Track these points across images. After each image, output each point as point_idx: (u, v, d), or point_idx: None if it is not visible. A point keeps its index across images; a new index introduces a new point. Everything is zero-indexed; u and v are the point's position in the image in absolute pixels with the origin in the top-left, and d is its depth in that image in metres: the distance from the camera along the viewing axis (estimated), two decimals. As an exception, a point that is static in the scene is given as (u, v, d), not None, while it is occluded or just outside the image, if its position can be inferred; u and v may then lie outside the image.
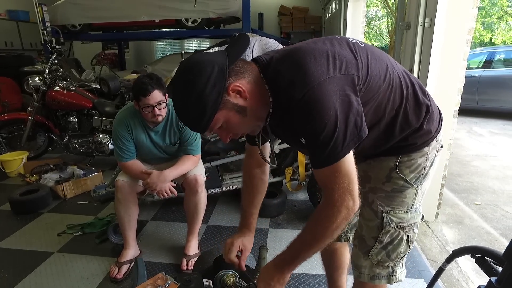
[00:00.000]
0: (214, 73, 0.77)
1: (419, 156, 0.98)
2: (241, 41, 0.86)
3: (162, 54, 8.82)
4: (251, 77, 0.84)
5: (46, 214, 2.57)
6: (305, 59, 0.79)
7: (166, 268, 1.92)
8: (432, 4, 2.02)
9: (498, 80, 6.25)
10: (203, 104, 0.77)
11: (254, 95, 0.84)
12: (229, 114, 0.83)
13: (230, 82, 0.80)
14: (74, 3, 5.34)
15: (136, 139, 1.85)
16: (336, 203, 0.79)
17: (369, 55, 0.86)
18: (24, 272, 1.86)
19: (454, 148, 4.33)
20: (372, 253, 1.03)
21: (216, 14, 5.05)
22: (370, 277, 1.06)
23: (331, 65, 0.78)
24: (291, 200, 2.74)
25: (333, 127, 0.75)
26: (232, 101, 0.81)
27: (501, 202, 2.90)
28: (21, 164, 3.35)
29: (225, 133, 0.88)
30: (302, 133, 0.83)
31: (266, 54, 0.90)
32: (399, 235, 1.02)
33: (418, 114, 0.93)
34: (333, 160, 0.78)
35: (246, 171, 1.20)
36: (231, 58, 0.81)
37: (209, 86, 0.77)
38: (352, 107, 0.77)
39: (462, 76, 2.17)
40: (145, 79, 1.71)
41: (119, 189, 1.84)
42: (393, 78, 0.89)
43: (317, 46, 0.83)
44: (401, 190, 1.00)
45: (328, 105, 0.74)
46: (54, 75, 3.40)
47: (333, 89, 0.76)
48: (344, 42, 0.87)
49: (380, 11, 15.12)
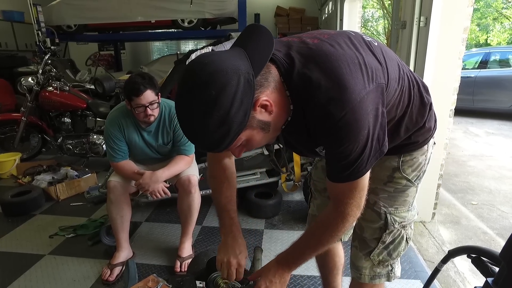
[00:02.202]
0: (241, 87, 0.63)
1: (420, 155, 0.98)
2: (263, 38, 0.70)
3: (158, 55, 8.79)
4: (274, 84, 0.71)
5: (38, 216, 2.53)
6: (340, 70, 0.69)
7: (159, 270, 1.89)
8: (427, 3, 2.01)
9: (494, 81, 6.29)
10: (227, 127, 0.64)
11: (277, 104, 0.72)
12: (253, 133, 0.71)
13: (258, 96, 0.67)
14: (69, 4, 5.32)
15: (128, 139, 1.82)
16: (346, 215, 0.81)
17: (385, 55, 0.80)
18: (14, 276, 1.82)
19: (451, 148, 4.33)
20: (374, 254, 1.02)
21: (212, 14, 5.05)
22: (370, 278, 1.05)
23: (365, 76, 0.71)
24: (286, 201, 2.72)
25: (363, 147, 0.72)
26: (258, 118, 0.70)
27: (497, 202, 2.89)
28: (14, 165, 3.31)
29: (239, 149, 0.77)
30: (331, 150, 0.77)
31: (278, 50, 0.75)
32: (400, 234, 1.02)
33: (423, 113, 0.92)
34: (354, 177, 0.78)
35: (216, 162, 1.04)
36: (255, 64, 0.66)
37: (235, 105, 0.63)
38: (378, 120, 0.73)
39: (458, 75, 2.17)
40: (137, 78, 1.68)
41: (111, 190, 1.81)
42: (404, 78, 0.85)
43: (345, 51, 0.73)
44: (404, 189, 0.99)
45: (365, 125, 0.70)
46: (48, 75, 3.36)
47: (370, 106, 0.70)
48: (363, 43, 0.79)
49: (377, 12, 15.20)
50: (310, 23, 7.89)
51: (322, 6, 7.58)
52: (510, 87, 6.03)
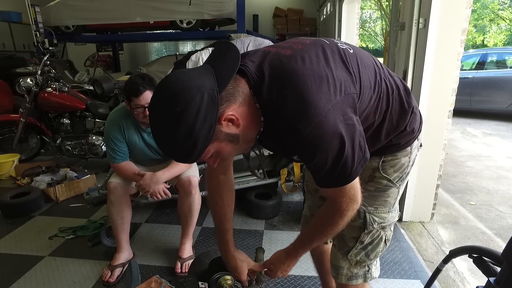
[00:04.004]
0: (204, 103, 0.66)
1: (403, 156, 0.99)
2: (230, 55, 0.74)
3: (157, 56, 8.79)
4: (242, 98, 0.74)
5: (38, 217, 2.52)
6: (305, 86, 0.72)
7: (160, 271, 1.89)
8: (426, 5, 2.02)
9: (491, 82, 6.33)
10: (193, 140, 0.68)
11: (245, 118, 0.75)
12: (221, 145, 0.75)
13: (222, 111, 0.71)
14: (67, 4, 5.30)
15: (128, 140, 1.82)
16: (344, 211, 0.84)
17: (359, 64, 0.83)
18: (13, 277, 1.81)
19: (449, 148, 4.35)
20: (352, 253, 1.04)
21: (211, 15, 5.05)
22: (347, 278, 1.07)
23: (332, 88, 0.73)
24: (286, 202, 2.73)
25: (339, 155, 0.74)
26: (225, 131, 0.73)
27: (495, 202, 2.91)
28: (12, 166, 3.29)
29: (213, 159, 0.81)
30: (305, 160, 0.82)
31: (251, 60, 0.78)
32: (379, 236, 1.03)
33: (404, 117, 0.93)
34: (341, 184, 0.80)
35: (211, 178, 1.09)
36: (220, 80, 0.70)
37: (199, 120, 0.66)
38: (356, 129, 0.75)
39: (456, 77, 2.18)
40: (136, 79, 1.68)
41: (111, 191, 1.80)
42: (381, 85, 0.87)
43: (313, 66, 0.75)
44: (385, 189, 1.00)
45: (334, 135, 0.72)
46: (46, 76, 3.34)
47: (338, 117, 0.72)
48: (336, 53, 0.81)
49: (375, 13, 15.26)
50: (308, 24, 7.92)
51: (320, 7, 7.61)
52: (507, 88, 6.07)
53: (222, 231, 1.11)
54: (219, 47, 0.77)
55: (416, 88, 2.19)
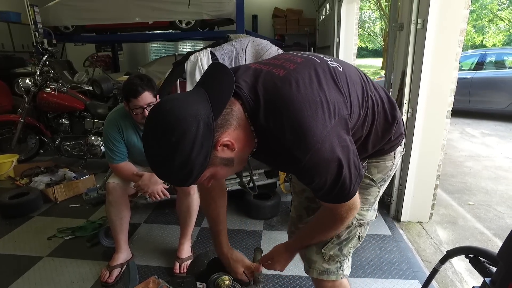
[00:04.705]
0: (200, 132, 0.66)
1: (387, 160, 1.02)
2: (224, 80, 0.73)
3: (156, 56, 8.78)
4: (236, 122, 0.74)
5: (36, 218, 2.52)
6: (301, 114, 0.72)
7: (158, 271, 1.89)
8: (425, 5, 2.03)
9: (490, 82, 6.34)
10: (189, 168, 0.69)
11: (240, 141, 0.76)
12: (216, 169, 0.76)
13: (218, 137, 0.71)
14: (66, 5, 5.29)
15: (127, 141, 1.82)
16: (344, 218, 0.88)
17: (349, 82, 0.84)
18: (12, 278, 1.81)
19: (447, 149, 4.36)
20: (326, 247, 1.05)
21: (210, 16, 5.04)
22: (319, 272, 1.07)
23: (327, 113, 0.74)
24: (285, 202, 2.73)
25: (337, 177, 0.77)
26: (220, 156, 0.74)
27: (494, 202, 2.91)
28: (11, 167, 3.29)
29: (207, 181, 0.81)
30: (304, 182, 0.85)
31: (244, 80, 0.78)
32: (356, 232, 1.05)
33: (388, 128, 0.96)
34: (340, 201, 0.85)
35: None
36: (216, 107, 0.69)
37: (195, 149, 0.66)
38: (350, 150, 0.78)
39: (455, 77, 2.19)
40: (135, 80, 1.68)
41: (110, 192, 1.80)
42: (368, 101, 0.89)
43: (307, 91, 0.75)
44: (366, 187, 1.03)
45: (332, 160, 0.74)
46: (45, 76, 3.34)
47: (334, 141, 0.74)
48: (327, 72, 0.82)
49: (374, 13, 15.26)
50: (307, 24, 7.93)
51: (319, 7, 7.62)
52: (506, 88, 6.08)
53: (216, 232, 1.16)
54: (213, 69, 0.77)
55: (414, 88, 2.19)
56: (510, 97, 6.02)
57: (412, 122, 2.22)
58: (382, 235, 2.25)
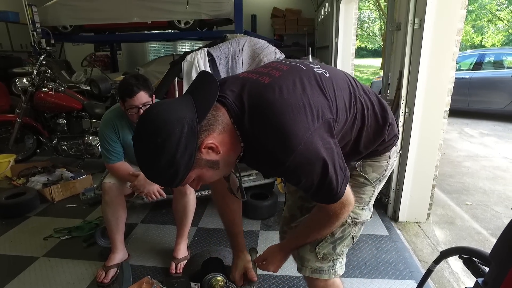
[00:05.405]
0: (185, 134, 0.70)
1: (381, 160, 1.04)
2: (209, 87, 0.78)
3: (154, 56, 8.77)
4: (221, 126, 0.78)
5: (33, 218, 2.52)
6: (283, 117, 0.75)
7: (155, 271, 1.88)
8: (421, 5, 2.03)
9: (488, 82, 6.34)
10: (175, 169, 0.72)
11: (225, 144, 0.79)
12: (202, 171, 0.79)
13: (202, 140, 0.74)
14: (65, 4, 5.28)
15: (123, 141, 1.82)
16: (339, 214, 0.90)
17: (335, 87, 0.86)
18: (7, 278, 1.81)
19: (446, 149, 4.36)
20: (320, 246, 1.05)
21: (209, 15, 5.04)
22: (311, 271, 1.07)
23: (309, 116, 0.77)
24: (282, 202, 2.71)
25: (323, 177, 0.78)
26: (205, 158, 0.77)
27: (491, 202, 2.91)
28: (8, 167, 3.28)
29: (195, 183, 0.84)
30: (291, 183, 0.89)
31: (231, 90, 0.82)
32: (350, 231, 1.06)
33: (380, 131, 0.97)
34: (330, 201, 0.85)
35: (216, 190, 1.17)
36: (200, 111, 0.74)
37: (180, 150, 0.71)
38: (334, 152, 0.79)
39: (452, 77, 2.18)
40: (131, 79, 1.68)
41: (106, 192, 1.80)
42: (356, 105, 0.91)
43: (290, 96, 0.78)
44: (361, 186, 1.05)
45: (316, 160, 0.76)
46: (43, 76, 3.34)
47: (317, 142, 0.76)
48: (312, 79, 0.84)
49: (373, 13, 15.28)
50: (306, 24, 7.92)
51: (318, 7, 7.61)
52: (504, 88, 6.08)
53: (233, 235, 1.21)
54: (200, 78, 0.81)
55: (411, 88, 2.19)
56: (508, 97, 6.02)
57: (409, 122, 2.22)
58: (379, 235, 2.25)
